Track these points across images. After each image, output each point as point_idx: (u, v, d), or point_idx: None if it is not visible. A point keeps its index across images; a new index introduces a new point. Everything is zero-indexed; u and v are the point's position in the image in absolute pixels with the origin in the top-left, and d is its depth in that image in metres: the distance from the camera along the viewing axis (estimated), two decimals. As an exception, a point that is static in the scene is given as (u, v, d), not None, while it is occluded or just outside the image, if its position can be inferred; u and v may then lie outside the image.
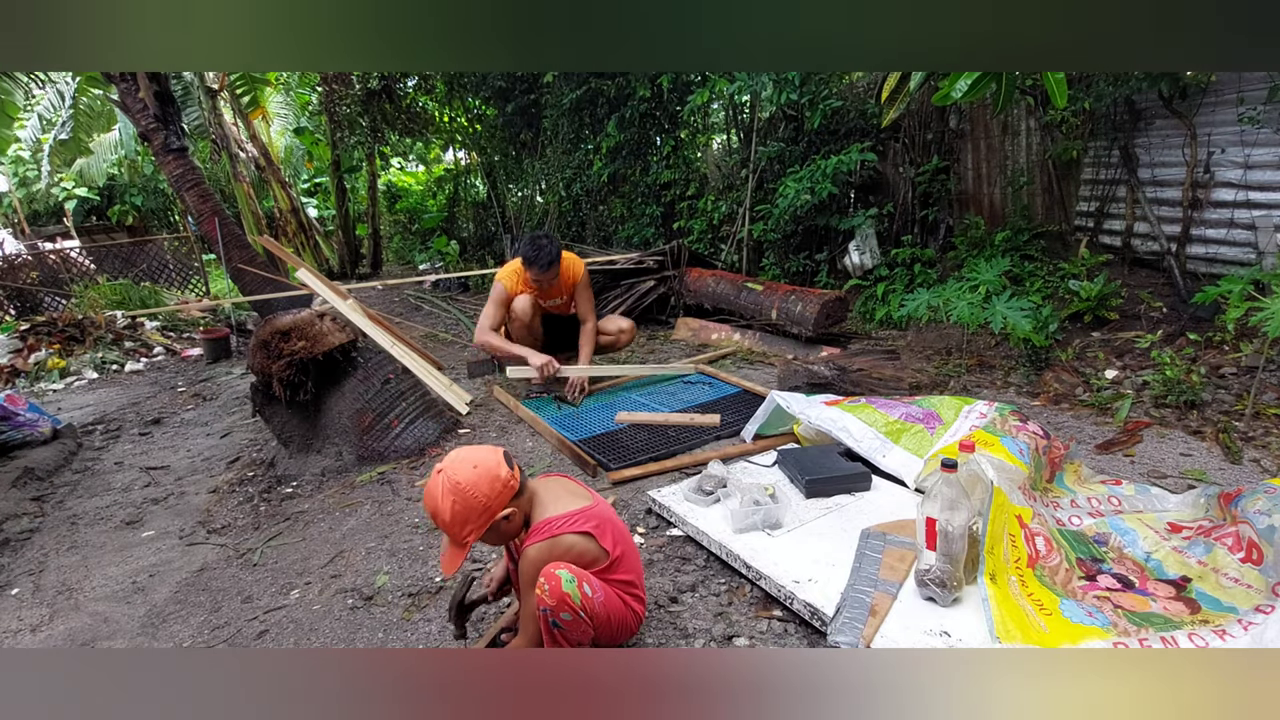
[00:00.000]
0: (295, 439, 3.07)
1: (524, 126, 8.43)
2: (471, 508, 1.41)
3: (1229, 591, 1.58)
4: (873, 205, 5.17)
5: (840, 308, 4.25)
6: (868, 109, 5.27)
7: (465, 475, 1.41)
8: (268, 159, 10.11)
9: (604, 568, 1.49)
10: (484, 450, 1.48)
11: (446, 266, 9.68)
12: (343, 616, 1.94)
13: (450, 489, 1.41)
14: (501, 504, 1.44)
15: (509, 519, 1.46)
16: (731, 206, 5.94)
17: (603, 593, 1.45)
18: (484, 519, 1.43)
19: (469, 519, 1.41)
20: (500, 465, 1.45)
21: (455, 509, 1.40)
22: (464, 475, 1.41)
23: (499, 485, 1.43)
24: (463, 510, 1.40)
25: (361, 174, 11.87)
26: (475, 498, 1.41)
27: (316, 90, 10.37)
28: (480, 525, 1.43)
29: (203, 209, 6.44)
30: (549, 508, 1.52)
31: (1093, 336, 3.64)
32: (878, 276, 4.98)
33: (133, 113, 6.22)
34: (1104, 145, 4.13)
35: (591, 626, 1.42)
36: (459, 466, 1.43)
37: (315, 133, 11.33)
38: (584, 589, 1.40)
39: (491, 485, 1.42)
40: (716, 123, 7.14)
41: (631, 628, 1.56)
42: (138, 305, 7.21)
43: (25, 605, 2.26)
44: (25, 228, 12.65)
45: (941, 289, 3.54)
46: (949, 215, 5.15)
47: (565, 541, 1.45)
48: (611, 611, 1.47)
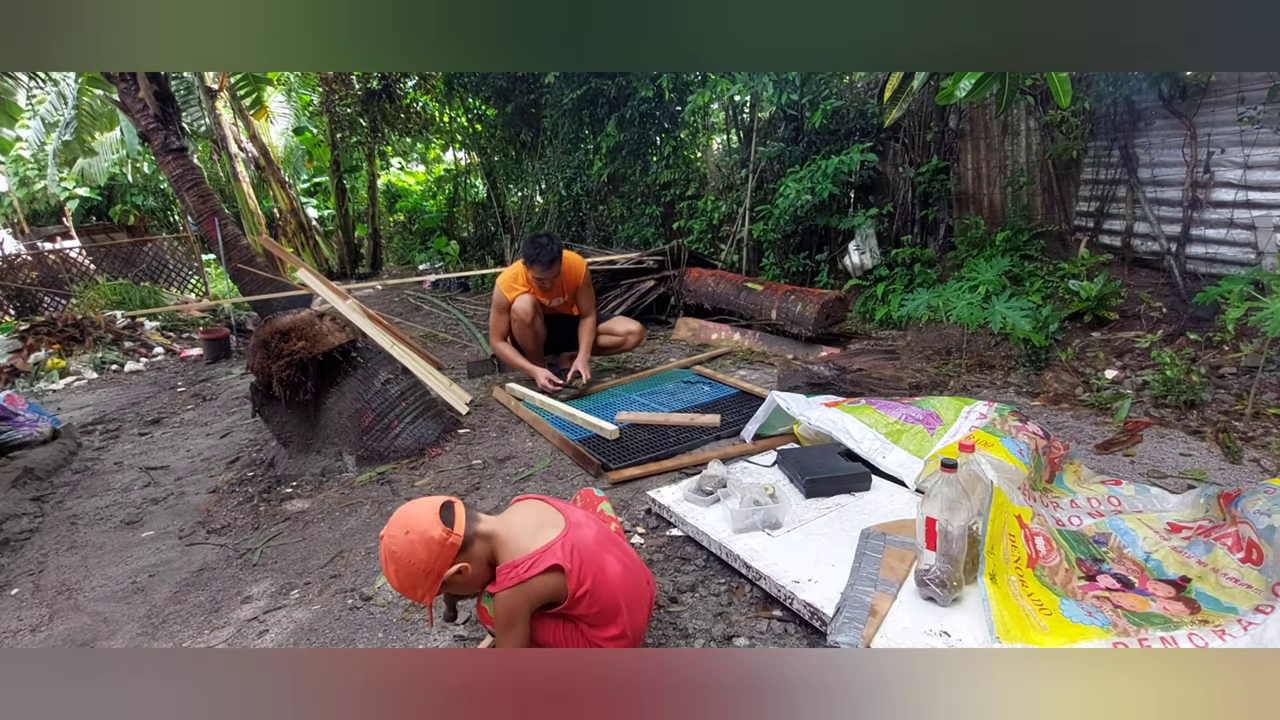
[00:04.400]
0: (295, 439, 3.07)
1: (524, 126, 8.43)
2: (413, 574, 1.36)
3: (1229, 591, 1.57)
4: (873, 205, 5.17)
5: (840, 308, 4.25)
6: (868, 109, 5.26)
7: (399, 544, 1.36)
8: (268, 159, 10.11)
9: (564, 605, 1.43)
10: (420, 510, 1.41)
11: (446, 267, 9.69)
12: (343, 616, 1.94)
13: (389, 558, 1.37)
14: (444, 564, 1.38)
15: (461, 573, 1.40)
16: (731, 206, 5.94)
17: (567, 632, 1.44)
18: (431, 581, 1.38)
19: (415, 583, 1.37)
20: (434, 526, 1.37)
21: (399, 576, 1.37)
22: (398, 544, 1.36)
23: (435, 547, 1.36)
24: (406, 577, 1.37)
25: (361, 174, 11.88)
26: (414, 564, 1.36)
27: (317, 90, 10.37)
28: (430, 586, 1.38)
29: (202, 209, 6.44)
30: (513, 547, 1.45)
31: (1093, 336, 3.63)
32: (878, 276, 4.98)
33: (133, 113, 6.22)
34: (1104, 145, 4.12)
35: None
36: (394, 534, 1.38)
37: (315, 133, 11.34)
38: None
39: (428, 549, 1.36)
40: (716, 123, 7.14)
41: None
42: (137, 305, 7.21)
43: (25, 605, 2.26)
44: (25, 227, 12.65)
45: (941, 289, 3.54)
46: (949, 215, 5.15)
47: (534, 585, 1.39)
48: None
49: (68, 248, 8.79)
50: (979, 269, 3.61)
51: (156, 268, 8.76)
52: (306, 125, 11.30)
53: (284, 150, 11.11)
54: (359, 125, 10.01)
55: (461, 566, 1.40)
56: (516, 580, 1.38)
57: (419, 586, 1.38)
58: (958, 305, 3.31)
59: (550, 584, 1.40)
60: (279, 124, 11.00)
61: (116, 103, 6.56)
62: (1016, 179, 4.60)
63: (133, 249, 8.84)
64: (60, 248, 8.90)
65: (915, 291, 3.64)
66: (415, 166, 14.07)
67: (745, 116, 6.25)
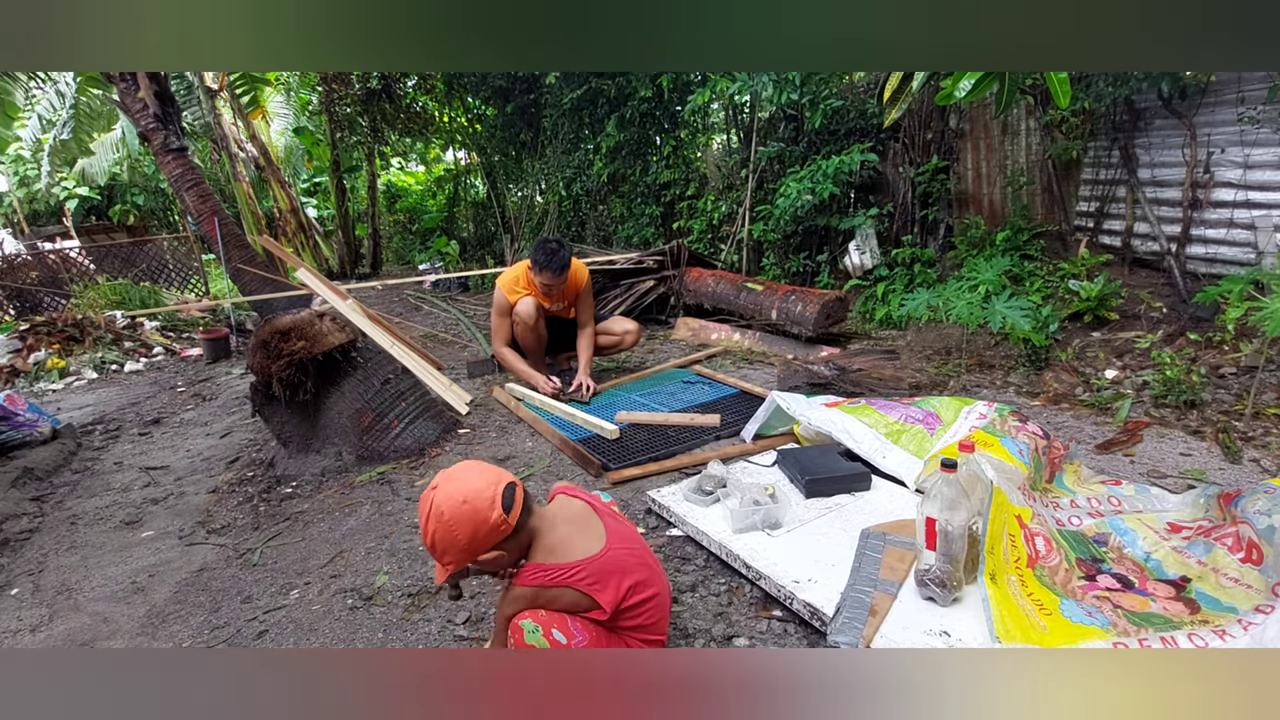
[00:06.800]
0: (295, 439, 3.07)
1: (524, 126, 8.43)
2: (454, 543, 1.31)
3: (1229, 591, 1.57)
4: (873, 205, 5.18)
5: (840, 308, 4.25)
6: (868, 109, 5.26)
7: (450, 508, 1.30)
8: (268, 159, 10.10)
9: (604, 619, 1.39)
10: (483, 481, 1.34)
11: (446, 266, 9.69)
12: (343, 616, 1.94)
13: (434, 515, 1.31)
14: (485, 546, 1.33)
15: (496, 559, 1.36)
16: (731, 206, 5.94)
17: (585, 635, 1.36)
18: (463, 557, 1.33)
19: (447, 550, 1.32)
20: (493, 507, 1.31)
21: (436, 536, 1.31)
22: (449, 508, 1.30)
23: (485, 529, 1.31)
24: (443, 542, 1.31)
25: (361, 174, 11.88)
26: (457, 535, 1.30)
27: (316, 90, 10.37)
28: (459, 560, 1.34)
29: (202, 209, 6.44)
30: (552, 550, 1.41)
31: (1093, 336, 3.64)
32: (878, 276, 4.98)
33: (132, 113, 6.21)
34: (1104, 145, 4.13)
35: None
36: (450, 494, 1.32)
37: (315, 133, 11.34)
38: (553, 635, 1.32)
39: (476, 529, 1.31)
40: (716, 123, 7.15)
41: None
42: (137, 305, 7.21)
43: (25, 605, 2.26)
44: (25, 227, 12.65)
45: (941, 289, 3.54)
46: (949, 215, 5.15)
47: (550, 593, 1.36)
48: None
49: (68, 248, 8.79)
50: (979, 269, 3.61)
51: (156, 268, 8.76)
52: (306, 125, 11.29)
53: (284, 150, 11.11)
54: (359, 125, 10.01)
55: (499, 554, 1.36)
56: (537, 583, 1.37)
57: (449, 554, 1.33)
58: (958, 305, 3.31)
59: (569, 597, 1.36)
60: (278, 124, 11.00)
61: (116, 102, 6.55)
62: (1016, 179, 4.61)
63: (133, 249, 8.83)
64: (60, 248, 8.89)
65: (915, 291, 3.64)
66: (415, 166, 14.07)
67: (745, 116, 6.25)
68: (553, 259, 3.38)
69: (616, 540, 1.45)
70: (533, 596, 1.37)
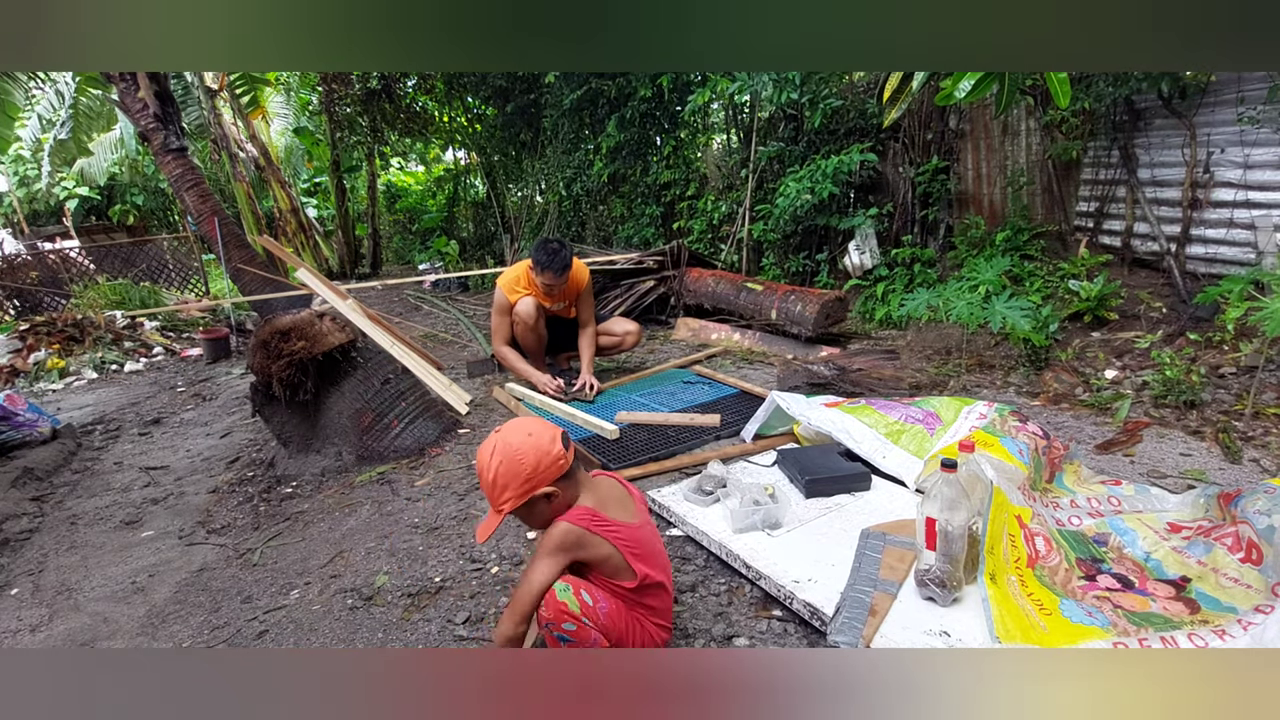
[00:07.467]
0: (295, 439, 3.07)
1: (524, 126, 8.44)
2: (516, 473, 1.39)
3: (1229, 591, 1.57)
4: (873, 205, 5.18)
5: (840, 308, 4.25)
6: (868, 109, 5.26)
7: (517, 439, 1.41)
8: (267, 159, 10.11)
9: (630, 589, 1.45)
10: (543, 424, 1.47)
11: (446, 266, 9.69)
12: (343, 616, 1.94)
13: (500, 449, 1.40)
14: (546, 479, 1.41)
15: (550, 499, 1.43)
16: (731, 206, 5.94)
17: (608, 604, 1.40)
18: (525, 489, 1.40)
19: (509, 484, 1.39)
20: (554, 441, 1.43)
21: (499, 470, 1.39)
22: (516, 439, 1.41)
23: (547, 459, 1.40)
24: (506, 473, 1.39)
25: (361, 174, 11.89)
26: (521, 463, 1.39)
27: (316, 90, 10.37)
28: (519, 494, 1.40)
29: (202, 209, 6.44)
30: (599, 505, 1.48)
31: (1093, 336, 3.64)
32: (878, 276, 4.98)
33: (132, 113, 6.21)
34: (1104, 145, 4.13)
35: (599, 633, 1.37)
36: (514, 430, 1.43)
37: (315, 133, 11.34)
38: (582, 596, 1.37)
39: (540, 457, 1.40)
40: (716, 123, 7.15)
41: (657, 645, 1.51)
42: (137, 305, 7.21)
43: (25, 605, 2.26)
44: (25, 227, 12.65)
45: (941, 289, 3.54)
46: (949, 215, 5.15)
47: (593, 540, 1.42)
48: (623, 626, 1.42)
49: (68, 248, 8.79)
50: (979, 269, 3.61)
51: (156, 268, 8.76)
52: (306, 125, 11.30)
53: (284, 150, 11.11)
54: (359, 125, 10.01)
55: (553, 491, 1.42)
56: (584, 524, 1.41)
57: (510, 489, 1.40)
58: (958, 305, 3.31)
59: (606, 551, 1.43)
60: (278, 124, 11.00)
61: (116, 102, 6.56)
62: (1016, 179, 4.61)
63: (133, 249, 8.84)
64: (60, 248, 8.90)
65: (915, 291, 3.64)
66: (415, 166, 14.07)
67: (745, 116, 6.25)
68: (554, 259, 3.39)
69: (647, 520, 1.56)
70: (578, 538, 1.41)
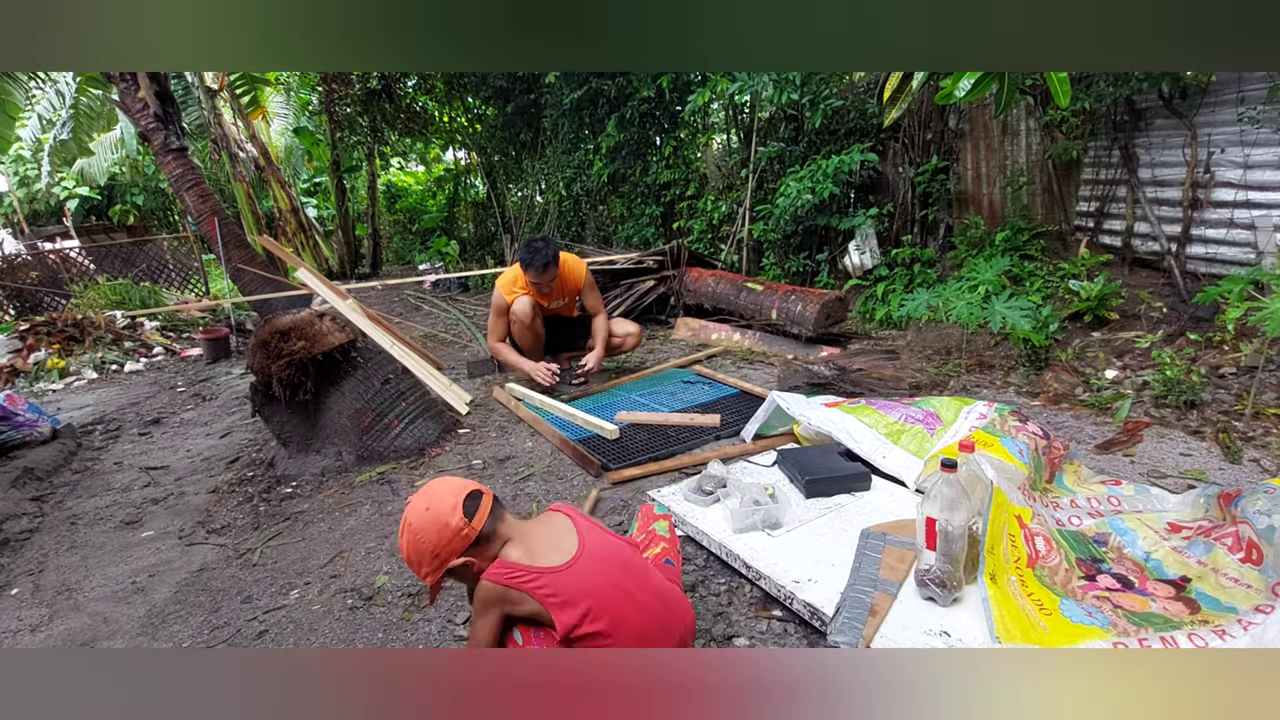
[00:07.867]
0: (295, 439, 3.07)
1: (524, 126, 8.44)
2: (421, 552, 1.34)
3: (1229, 591, 1.57)
4: (873, 205, 5.18)
5: (840, 308, 4.25)
6: (868, 109, 5.26)
7: (416, 518, 1.35)
8: (267, 159, 10.10)
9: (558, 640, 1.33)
10: (446, 492, 1.38)
11: (446, 266, 9.69)
12: (343, 616, 1.94)
13: (405, 529, 1.36)
14: (452, 554, 1.34)
15: (468, 567, 1.36)
16: (731, 206, 5.94)
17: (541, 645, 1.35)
18: (434, 565, 1.35)
19: (421, 561, 1.35)
20: (453, 513, 1.34)
21: (408, 551, 1.36)
22: (415, 518, 1.35)
23: (447, 535, 1.33)
24: (414, 553, 1.35)
25: (361, 174, 11.89)
26: (423, 544, 1.34)
27: (316, 90, 10.37)
28: (433, 570, 1.35)
29: (202, 209, 6.44)
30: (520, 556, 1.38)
31: (1093, 336, 3.63)
32: (878, 276, 4.98)
33: (133, 113, 6.21)
34: (1104, 145, 4.12)
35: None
36: (415, 505, 1.37)
37: (315, 133, 11.34)
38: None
39: (439, 534, 1.33)
40: (717, 123, 7.14)
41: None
42: (137, 305, 7.21)
43: (25, 605, 2.26)
44: (25, 227, 12.65)
45: (941, 289, 3.54)
46: (949, 215, 5.15)
47: (514, 596, 1.33)
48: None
49: (68, 248, 8.79)
50: (979, 269, 3.61)
51: (156, 268, 8.76)
52: (306, 125, 11.29)
53: (284, 150, 11.11)
54: (359, 125, 10.01)
55: (469, 561, 1.36)
56: (498, 580, 1.34)
57: (423, 566, 1.36)
58: (958, 305, 3.31)
59: (529, 605, 1.34)
60: (278, 124, 11.00)
61: (116, 102, 6.56)
62: (1016, 179, 4.60)
63: (133, 249, 8.84)
64: (60, 248, 8.89)
65: (915, 291, 3.64)
66: (415, 166, 14.07)
67: (745, 116, 6.25)
68: (535, 256, 3.41)
69: (589, 559, 1.39)
70: (499, 594, 1.35)
